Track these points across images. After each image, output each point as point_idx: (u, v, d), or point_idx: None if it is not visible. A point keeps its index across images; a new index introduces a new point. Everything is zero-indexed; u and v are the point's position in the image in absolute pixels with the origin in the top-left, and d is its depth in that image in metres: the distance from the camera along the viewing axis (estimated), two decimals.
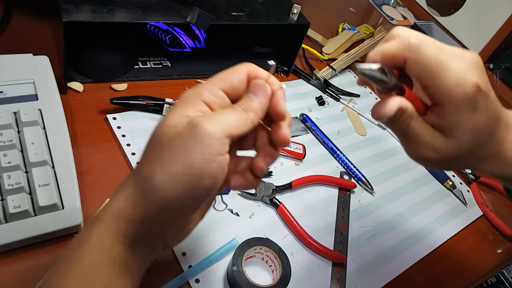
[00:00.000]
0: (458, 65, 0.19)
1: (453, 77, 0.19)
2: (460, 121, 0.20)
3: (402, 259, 0.35)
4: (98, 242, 0.19)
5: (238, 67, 0.21)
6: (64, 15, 0.31)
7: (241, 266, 0.27)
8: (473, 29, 0.69)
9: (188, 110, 0.19)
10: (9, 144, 0.27)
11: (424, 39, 0.20)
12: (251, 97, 0.20)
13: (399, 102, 0.20)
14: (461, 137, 0.21)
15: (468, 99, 0.19)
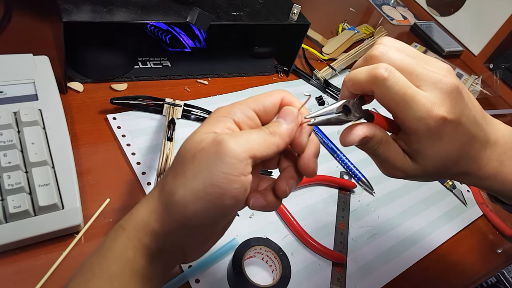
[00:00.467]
0: (425, 98, 0.20)
1: (417, 112, 0.20)
2: (422, 150, 0.21)
3: (402, 259, 0.35)
4: (122, 253, 0.19)
5: (273, 92, 0.21)
6: (64, 15, 0.31)
7: (241, 266, 0.27)
8: (473, 29, 0.69)
9: (216, 126, 0.19)
10: (9, 144, 0.27)
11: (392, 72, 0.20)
12: (280, 122, 0.20)
13: (364, 130, 0.21)
14: (425, 163, 0.22)
15: (431, 132, 0.20)
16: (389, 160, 0.22)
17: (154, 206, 0.19)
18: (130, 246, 0.19)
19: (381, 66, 0.20)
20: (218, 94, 0.43)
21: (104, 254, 0.19)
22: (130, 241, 0.19)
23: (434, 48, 0.69)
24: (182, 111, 0.38)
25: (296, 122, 0.20)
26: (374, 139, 0.21)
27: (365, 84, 0.20)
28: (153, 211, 0.19)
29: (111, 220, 0.29)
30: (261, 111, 0.20)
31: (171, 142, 0.34)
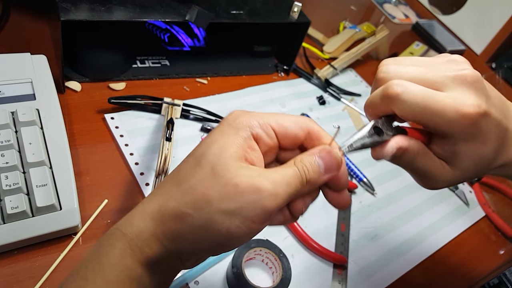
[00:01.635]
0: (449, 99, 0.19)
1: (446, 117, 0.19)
2: (460, 152, 0.20)
3: (404, 260, 0.35)
4: (120, 261, 0.18)
5: (300, 119, 0.20)
6: (62, 14, 0.31)
7: (241, 268, 0.27)
8: (475, 28, 0.69)
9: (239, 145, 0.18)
10: (6, 144, 0.27)
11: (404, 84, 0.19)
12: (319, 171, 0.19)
13: (398, 142, 0.20)
14: (465, 166, 0.21)
15: (466, 132, 0.19)
16: (428, 172, 0.21)
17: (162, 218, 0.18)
18: (129, 253, 0.18)
19: (391, 83, 0.19)
20: (218, 93, 0.42)
21: (100, 260, 0.18)
22: (130, 248, 0.18)
23: (436, 47, 0.68)
24: (181, 110, 0.38)
25: (336, 173, 0.19)
26: (409, 150, 0.20)
27: (383, 107, 0.20)
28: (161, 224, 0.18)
29: (109, 221, 0.29)
30: (281, 134, 0.19)
31: (169, 142, 0.34)
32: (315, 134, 0.20)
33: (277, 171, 0.18)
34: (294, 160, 0.19)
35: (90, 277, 0.17)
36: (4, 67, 0.31)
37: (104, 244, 0.18)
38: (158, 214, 0.18)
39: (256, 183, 0.17)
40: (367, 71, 0.56)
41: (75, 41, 0.36)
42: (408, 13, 0.76)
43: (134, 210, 0.19)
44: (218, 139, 0.18)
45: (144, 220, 0.18)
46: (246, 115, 0.19)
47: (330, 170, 0.19)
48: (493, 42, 0.66)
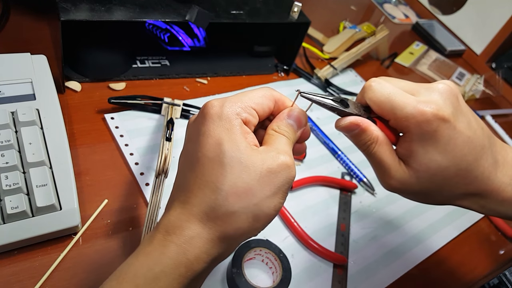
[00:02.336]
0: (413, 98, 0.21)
1: (404, 110, 0.20)
2: (415, 149, 0.21)
3: (404, 260, 0.35)
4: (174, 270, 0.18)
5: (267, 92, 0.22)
6: (62, 14, 0.31)
7: (240, 268, 0.27)
8: (475, 28, 0.69)
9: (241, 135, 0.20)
10: (6, 144, 0.27)
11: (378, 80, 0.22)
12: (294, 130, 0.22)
13: (357, 119, 0.22)
14: (418, 168, 0.21)
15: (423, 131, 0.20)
16: (384, 163, 0.22)
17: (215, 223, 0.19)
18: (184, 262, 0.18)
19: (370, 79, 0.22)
20: (218, 93, 0.42)
21: (152, 267, 0.18)
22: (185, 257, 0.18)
23: (436, 47, 0.68)
24: (181, 110, 0.38)
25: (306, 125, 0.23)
26: (368, 133, 0.22)
27: (360, 97, 0.23)
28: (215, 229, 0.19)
29: (109, 221, 0.29)
30: (260, 111, 0.21)
31: (169, 142, 0.34)
32: (281, 101, 0.22)
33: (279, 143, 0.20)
34: (273, 129, 0.21)
35: (141, 284, 0.18)
36: (4, 67, 0.31)
37: (154, 254, 0.18)
38: (210, 223, 0.19)
39: (283, 161, 0.19)
40: (367, 71, 0.56)
41: (75, 41, 0.36)
42: (408, 13, 0.76)
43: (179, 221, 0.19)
44: (224, 136, 0.19)
45: (196, 229, 0.19)
46: (227, 104, 0.20)
47: (301, 125, 0.22)
48: (493, 42, 0.66)
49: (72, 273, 0.25)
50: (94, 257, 0.26)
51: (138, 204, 0.30)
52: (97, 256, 0.27)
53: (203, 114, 0.20)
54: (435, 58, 0.65)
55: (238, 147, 0.19)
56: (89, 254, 0.27)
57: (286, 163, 0.19)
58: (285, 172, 0.19)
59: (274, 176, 0.19)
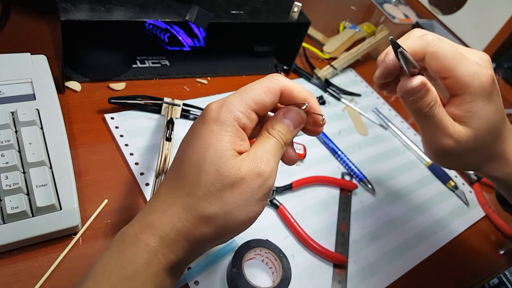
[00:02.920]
0: (473, 59, 0.22)
1: (470, 69, 0.21)
2: (476, 109, 0.22)
3: (404, 260, 0.35)
4: (145, 268, 0.19)
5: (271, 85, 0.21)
6: (62, 14, 0.31)
7: (240, 268, 0.27)
8: (475, 28, 0.69)
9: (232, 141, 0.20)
10: (6, 144, 0.27)
11: (440, 37, 0.22)
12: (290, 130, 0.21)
13: (425, 79, 0.21)
14: (477, 126, 0.22)
15: (484, 90, 0.21)
16: (442, 124, 0.22)
17: (185, 226, 0.19)
18: (155, 262, 0.19)
19: (429, 33, 0.22)
20: (218, 93, 0.42)
21: (125, 267, 0.18)
22: (155, 256, 0.19)
23: None
24: (181, 110, 0.38)
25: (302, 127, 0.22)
26: (431, 93, 0.22)
27: (417, 48, 0.22)
28: (183, 230, 0.19)
29: (109, 221, 0.29)
30: (261, 110, 0.21)
31: (169, 142, 0.34)
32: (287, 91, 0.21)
33: (262, 147, 0.20)
34: (267, 130, 0.21)
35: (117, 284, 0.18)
36: (4, 67, 0.31)
37: (127, 253, 0.19)
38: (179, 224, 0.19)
39: (256, 169, 0.19)
40: (367, 71, 0.56)
41: (75, 41, 0.36)
42: (408, 13, 0.76)
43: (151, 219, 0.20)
44: (211, 141, 0.19)
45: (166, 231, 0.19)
46: (226, 107, 0.20)
47: (298, 123, 0.22)
48: (493, 42, 0.66)
49: (72, 273, 0.25)
50: (94, 257, 0.26)
51: (138, 204, 0.30)
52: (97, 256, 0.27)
53: (201, 117, 0.21)
54: None
55: (220, 155, 0.19)
56: (89, 254, 0.27)
57: (259, 172, 0.19)
58: (257, 181, 0.19)
59: (246, 184, 0.19)
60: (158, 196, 0.21)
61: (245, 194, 0.19)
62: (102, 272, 0.19)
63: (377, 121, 0.49)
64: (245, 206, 0.19)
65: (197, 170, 0.19)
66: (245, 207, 0.19)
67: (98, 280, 0.18)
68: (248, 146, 0.21)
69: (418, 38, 0.22)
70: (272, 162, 0.20)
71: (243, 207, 0.19)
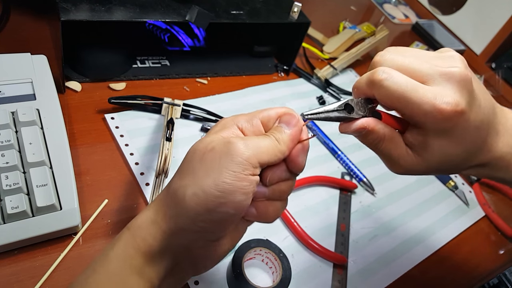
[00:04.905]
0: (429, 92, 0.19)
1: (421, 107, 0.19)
2: (429, 144, 0.21)
3: (404, 260, 0.35)
4: (123, 251, 0.19)
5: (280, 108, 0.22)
6: (62, 14, 0.31)
7: (240, 267, 0.27)
8: (475, 28, 0.69)
9: (223, 132, 0.20)
10: (6, 144, 0.27)
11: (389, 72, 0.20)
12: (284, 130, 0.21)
13: (364, 123, 0.21)
14: (430, 159, 0.21)
15: (439, 126, 0.20)
16: (393, 157, 0.22)
17: (161, 205, 0.20)
18: (132, 244, 0.19)
19: (378, 70, 0.20)
20: (218, 93, 0.42)
21: (107, 253, 0.19)
22: (133, 239, 0.19)
23: (436, 47, 0.68)
24: (181, 110, 0.38)
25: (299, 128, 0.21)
26: (374, 133, 0.21)
27: (367, 90, 0.21)
28: (160, 210, 0.20)
29: (109, 221, 0.29)
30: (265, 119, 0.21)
31: (170, 142, 0.34)
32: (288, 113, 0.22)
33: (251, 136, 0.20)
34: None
35: (98, 268, 0.19)
36: (5, 67, 0.31)
37: (112, 240, 0.20)
38: (157, 203, 0.20)
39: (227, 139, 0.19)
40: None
41: (75, 41, 0.36)
42: (408, 13, 0.76)
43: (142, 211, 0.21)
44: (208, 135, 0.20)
45: (147, 213, 0.20)
46: (232, 116, 0.21)
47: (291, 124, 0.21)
48: (493, 42, 0.66)
49: (72, 273, 0.25)
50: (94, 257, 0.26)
51: (138, 204, 0.31)
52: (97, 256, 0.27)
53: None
54: None
55: (202, 139, 0.20)
56: (90, 254, 0.27)
57: (229, 140, 0.19)
58: (224, 148, 0.18)
59: (214, 153, 0.19)
60: None
61: (212, 162, 0.18)
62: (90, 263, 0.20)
63: None
64: (214, 176, 0.18)
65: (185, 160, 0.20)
66: (213, 177, 0.18)
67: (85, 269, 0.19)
68: None
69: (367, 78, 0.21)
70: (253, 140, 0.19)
71: (211, 177, 0.18)
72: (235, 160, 0.18)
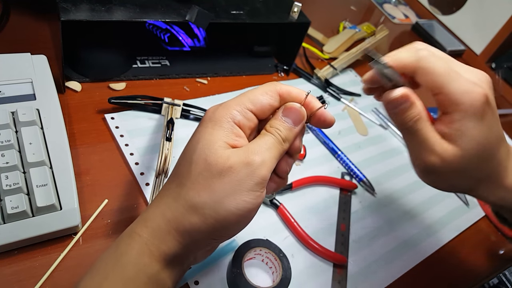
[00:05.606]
0: (468, 76, 0.21)
1: (462, 85, 0.21)
2: (466, 129, 0.21)
3: (404, 260, 0.35)
4: (137, 258, 0.19)
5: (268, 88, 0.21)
6: (62, 14, 0.31)
7: (241, 267, 0.27)
8: (475, 28, 0.69)
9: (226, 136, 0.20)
10: (6, 144, 0.27)
11: (435, 52, 0.22)
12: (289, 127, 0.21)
13: (407, 92, 0.21)
14: (466, 146, 0.21)
15: (475, 109, 0.21)
16: (426, 140, 0.22)
17: (174, 216, 0.19)
18: (146, 252, 0.19)
19: (423, 48, 0.22)
20: (218, 93, 0.42)
21: (118, 258, 0.19)
22: (147, 247, 0.19)
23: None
24: (181, 110, 0.38)
25: (303, 124, 0.21)
26: (415, 107, 0.21)
27: (409, 62, 0.22)
28: (172, 221, 0.19)
29: (109, 221, 0.29)
30: (259, 111, 0.21)
31: (170, 142, 0.34)
32: (285, 94, 0.21)
33: (257, 143, 0.20)
34: (265, 128, 0.21)
35: (110, 275, 0.18)
36: (5, 67, 0.31)
37: (121, 245, 0.19)
38: (169, 214, 0.20)
39: (246, 159, 0.19)
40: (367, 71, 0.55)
41: (75, 41, 0.36)
42: (408, 13, 0.76)
43: (146, 213, 0.20)
44: (203, 135, 0.20)
45: (157, 221, 0.20)
46: (223, 107, 0.20)
47: (298, 121, 0.21)
48: (493, 42, 0.66)
49: (72, 273, 0.25)
50: (94, 257, 0.26)
51: (138, 204, 0.31)
52: (97, 256, 0.26)
53: (201, 119, 0.21)
54: None
55: (209, 146, 0.19)
56: (90, 254, 0.27)
57: (248, 161, 0.19)
58: (246, 170, 0.19)
59: (235, 174, 0.19)
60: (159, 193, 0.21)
61: (233, 183, 0.19)
62: (99, 266, 0.19)
63: (377, 121, 0.49)
64: (234, 196, 0.19)
65: (188, 162, 0.20)
66: (234, 197, 0.19)
67: (95, 273, 0.19)
68: (245, 143, 0.21)
69: (411, 51, 0.22)
70: (266, 154, 0.20)
71: (232, 197, 0.19)
72: (255, 181, 0.19)
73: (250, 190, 0.19)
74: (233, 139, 0.20)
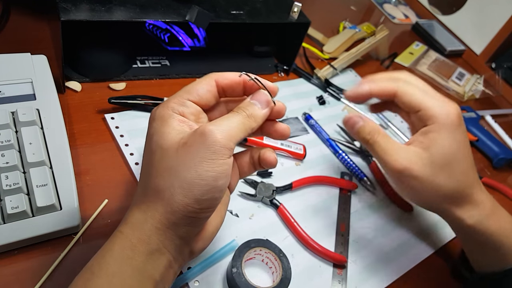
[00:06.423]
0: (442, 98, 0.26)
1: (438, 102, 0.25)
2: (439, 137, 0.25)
3: (404, 260, 0.35)
4: (120, 253, 0.19)
5: (203, 78, 0.23)
6: (62, 14, 0.31)
7: (240, 267, 0.27)
8: (475, 28, 0.69)
9: (174, 124, 0.21)
10: (6, 144, 0.27)
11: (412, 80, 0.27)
12: (256, 106, 0.22)
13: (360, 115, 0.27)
14: (435, 152, 0.25)
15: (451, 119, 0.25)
16: (388, 148, 0.26)
17: (147, 205, 0.20)
18: (128, 245, 0.19)
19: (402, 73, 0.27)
20: None
21: (103, 255, 0.20)
22: (128, 240, 0.20)
23: (436, 47, 0.68)
24: None
25: (271, 107, 0.23)
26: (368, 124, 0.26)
27: (388, 85, 0.26)
28: (147, 210, 0.20)
29: (109, 221, 0.29)
30: (197, 99, 0.22)
31: None
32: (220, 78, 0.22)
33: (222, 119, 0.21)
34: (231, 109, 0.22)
35: (96, 271, 0.19)
36: (5, 67, 0.31)
37: (107, 245, 0.20)
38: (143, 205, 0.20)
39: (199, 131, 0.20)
40: (367, 71, 0.56)
41: (75, 41, 0.36)
42: (408, 13, 0.76)
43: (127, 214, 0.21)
44: (155, 131, 0.21)
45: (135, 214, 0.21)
46: (163, 105, 0.22)
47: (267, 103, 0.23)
48: (493, 42, 0.66)
49: (72, 273, 0.25)
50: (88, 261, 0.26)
51: None
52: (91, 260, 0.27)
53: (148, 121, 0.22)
54: (435, 58, 0.65)
55: (162, 135, 0.20)
56: (90, 254, 0.26)
57: (202, 131, 0.19)
58: (200, 139, 0.19)
59: (189, 146, 0.19)
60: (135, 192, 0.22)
61: (191, 155, 0.19)
62: (85, 267, 0.20)
63: (377, 121, 0.49)
64: (196, 168, 0.19)
65: (149, 154, 0.21)
66: (195, 169, 0.19)
67: (82, 273, 0.20)
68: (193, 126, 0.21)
69: (391, 77, 0.27)
70: (223, 122, 0.20)
71: (192, 169, 0.19)
72: (212, 149, 0.19)
73: (209, 159, 0.19)
74: (180, 126, 0.21)
